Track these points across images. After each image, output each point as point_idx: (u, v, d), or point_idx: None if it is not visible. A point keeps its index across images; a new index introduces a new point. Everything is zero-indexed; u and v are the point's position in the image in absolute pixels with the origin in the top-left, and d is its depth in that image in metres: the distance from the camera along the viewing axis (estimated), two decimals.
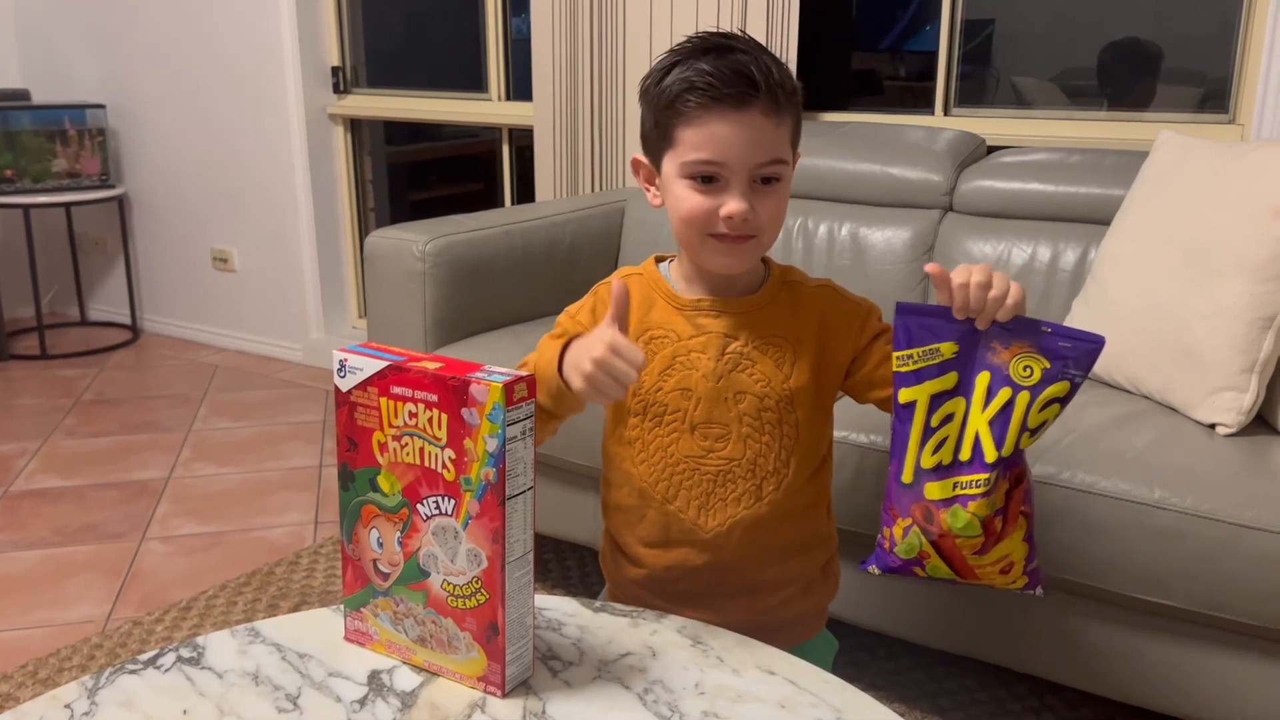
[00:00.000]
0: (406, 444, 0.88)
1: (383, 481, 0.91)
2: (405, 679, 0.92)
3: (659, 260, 1.19)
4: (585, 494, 1.87)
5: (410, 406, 0.87)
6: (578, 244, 2.33)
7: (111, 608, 2.07)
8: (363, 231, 3.58)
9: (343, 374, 0.90)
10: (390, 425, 0.89)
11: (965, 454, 0.97)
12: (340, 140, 3.51)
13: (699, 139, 1.03)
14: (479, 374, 0.84)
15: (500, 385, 0.82)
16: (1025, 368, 0.94)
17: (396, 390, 0.87)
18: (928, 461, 0.97)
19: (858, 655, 1.87)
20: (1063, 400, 0.96)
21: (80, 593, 2.12)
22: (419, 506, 0.89)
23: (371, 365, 0.89)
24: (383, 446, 0.90)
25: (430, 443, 0.86)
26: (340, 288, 3.62)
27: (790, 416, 1.13)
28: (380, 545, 0.93)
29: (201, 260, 3.78)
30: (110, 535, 2.36)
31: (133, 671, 0.93)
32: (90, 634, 1.96)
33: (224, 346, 3.81)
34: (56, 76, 3.87)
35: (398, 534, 0.91)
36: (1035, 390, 0.95)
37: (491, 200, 3.43)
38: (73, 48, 3.82)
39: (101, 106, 3.70)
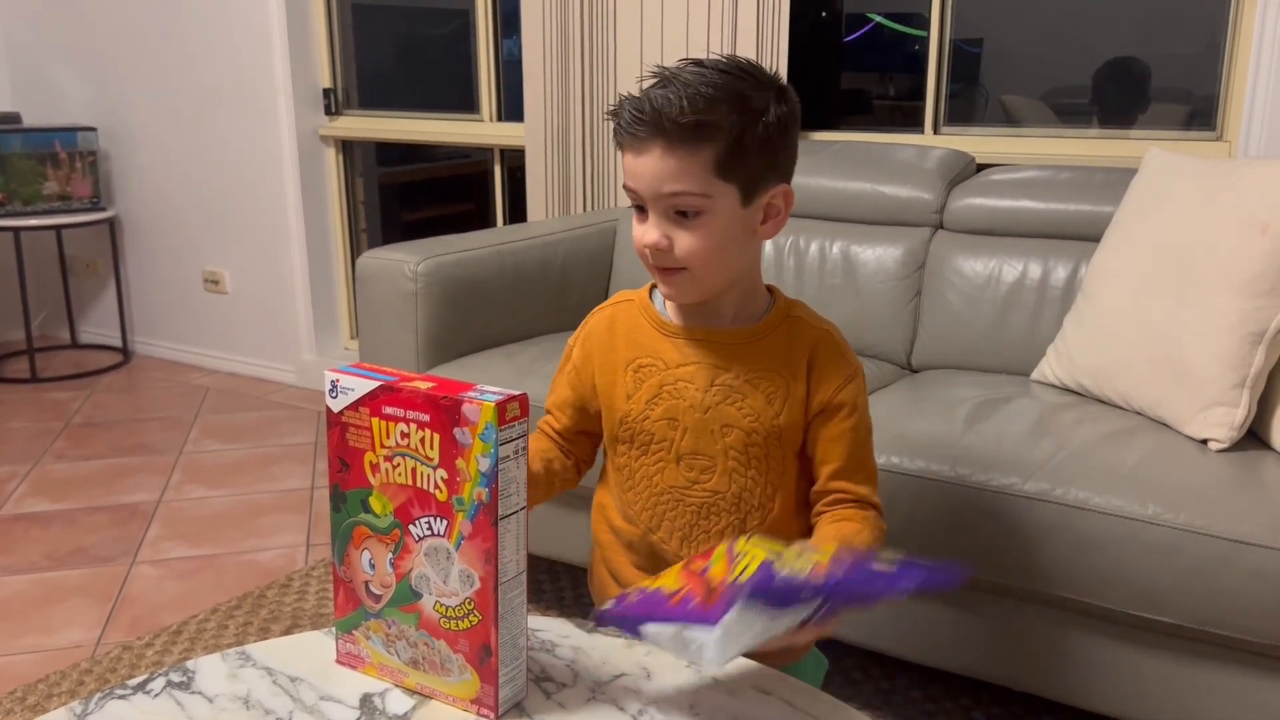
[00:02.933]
0: (398, 464, 0.88)
1: (374, 502, 0.90)
2: (398, 702, 0.91)
3: (654, 287, 1.18)
4: (579, 514, 1.86)
5: (402, 426, 0.86)
6: (570, 264, 2.33)
7: (101, 632, 2.05)
8: (354, 252, 3.57)
9: (334, 394, 0.90)
10: (382, 445, 0.88)
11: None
12: (332, 161, 3.51)
13: (624, 166, 1.06)
14: (471, 393, 0.84)
15: (493, 405, 0.82)
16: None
17: (388, 410, 0.87)
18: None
19: (853, 675, 1.87)
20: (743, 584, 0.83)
21: (70, 617, 2.10)
22: (411, 527, 0.88)
23: (363, 385, 0.88)
24: (374, 467, 0.89)
25: (422, 463, 0.86)
26: (332, 309, 3.61)
27: (778, 452, 1.11)
28: (372, 567, 0.92)
29: (193, 282, 3.78)
30: (101, 559, 2.35)
31: (122, 697, 0.92)
32: (80, 659, 1.95)
33: (215, 368, 3.80)
34: (47, 99, 3.87)
35: (389, 555, 0.90)
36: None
37: (483, 220, 3.44)
38: (63, 70, 3.83)
39: (92, 129, 3.70)
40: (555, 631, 1.03)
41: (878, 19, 2.89)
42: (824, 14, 2.90)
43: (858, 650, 1.74)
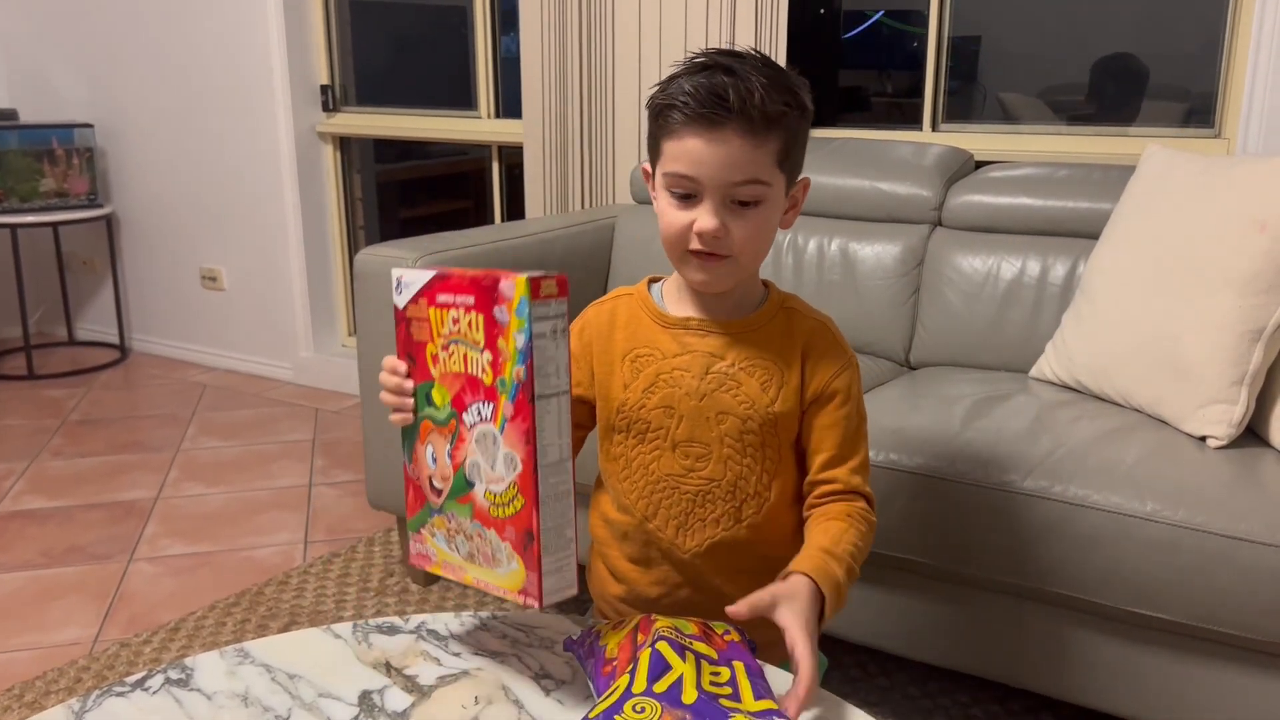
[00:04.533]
0: (453, 352, 0.90)
1: (435, 394, 0.93)
2: (396, 699, 0.91)
3: (652, 281, 1.20)
4: (578, 512, 1.86)
5: (454, 313, 0.90)
6: (568, 261, 2.33)
7: (99, 629, 2.05)
8: (352, 249, 3.57)
9: (399, 290, 0.95)
10: (439, 334, 0.91)
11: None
12: (330, 158, 3.51)
13: (676, 153, 1.04)
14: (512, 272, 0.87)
15: (525, 279, 0.84)
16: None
17: (442, 298, 0.91)
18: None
19: (851, 672, 1.87)
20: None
21: (67, 615, 2.10)
22: (464, 416, 0.90)
23: (422, 277, 0.93)
24: (434, 358, 0.92)
25: (471, 347, 0.89)
26: (330, 306, 3.61)
27: (774, 440, 1.12)
28: (434, 461, 0.94)
29: (190, 279, 3.77)
30: (98, 556, 2.34)
31: (120, 694, 0.91)
32: (77, 656, 1.94)
33: (213, 365, 3.79)
34: (44, 96, 3.86)
35: (448, 446, 0.93)
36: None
37: (481, 218, 3.43)
38: (60, 67, 3.82)
39: (89, 126, 3.69)
40: (554, 628, 1.03)
41: (879, 18, 2.89)
42: (822, 11, 2.90)
43: (856, 648, 1.74)
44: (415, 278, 0.93)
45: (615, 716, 0.79)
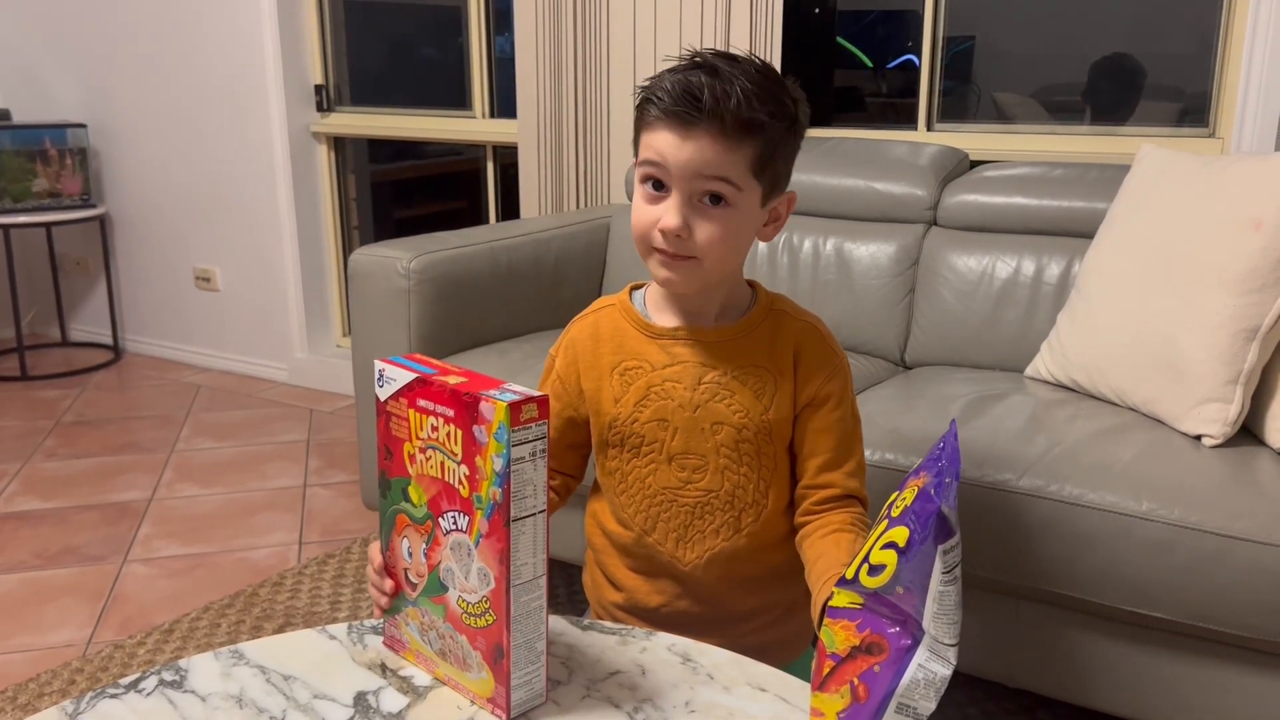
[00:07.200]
0: (431, 457, 0.88)
1: (412, 492, 0.91)
2: (391, 700, 0.91)
3: (634, 289, 1.18)
4: (572, 512, 1.86)
5: (433, 420, 0.87)
6: (563, 260, 2.33)
7: (93, 631, 2.04)
8: (347, 250, 3.56)
9: (381, 383, 0.92)
10: (417, 437, 0.89)
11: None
12: (324, 158, 3.50)
13: (648, 144, 1.03)
14: (492, 392, 0.84)
15: (506, 405, 0.81)
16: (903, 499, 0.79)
17: (422, 403, 0.88)
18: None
19: None
20: (900, 550, 0.75)
21: (61, 616, 2.09)
22: (441, 520, 0.89)
23: (403, 376, 0.90)
24: (411, 457, 0.90)
25: (449, 457, 0.87)
26: (324, 306, 3.60)
27: (769, 448, 1.11)
28: (410, 555, 0.94)
29: (184, 279, 3.76)
30: (91, 558, 2.34)
31: (114, 696, 0.91)
32: (71, 658, 1.94)
33: (207, 366, 3.79)
34: (37, 96, 3.85)
35: (423, 545, 0.92)
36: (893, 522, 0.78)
37: (476, 218, 3.43)
38: (53, 67, 3.81)
39: (83, 126, 3.68)
40: (549, 628, 1.02)
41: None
42: (817, 10, 2.91)
43: None
44: (397, 375, 0.90)
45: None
